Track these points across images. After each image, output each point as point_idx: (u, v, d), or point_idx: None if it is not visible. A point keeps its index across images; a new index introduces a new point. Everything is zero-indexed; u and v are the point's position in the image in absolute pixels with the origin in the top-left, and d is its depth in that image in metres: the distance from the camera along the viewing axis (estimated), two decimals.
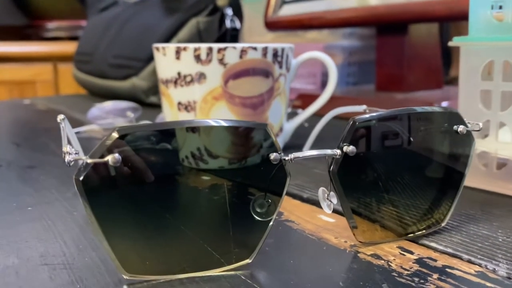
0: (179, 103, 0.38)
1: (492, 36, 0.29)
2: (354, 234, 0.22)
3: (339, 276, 0.20)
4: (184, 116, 0.38)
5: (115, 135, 0.18)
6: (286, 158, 0.20)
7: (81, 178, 0.17)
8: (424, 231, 0.24)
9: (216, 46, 0.36)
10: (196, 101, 0.38)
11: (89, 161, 0.17)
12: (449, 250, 0.22)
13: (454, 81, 0.79)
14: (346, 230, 0.25)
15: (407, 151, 0.23)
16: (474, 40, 0.30)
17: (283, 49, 0.38)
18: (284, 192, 0.20)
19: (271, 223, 0.20)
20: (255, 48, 0.37)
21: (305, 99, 0.62)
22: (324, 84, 0.74)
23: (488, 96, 0.30)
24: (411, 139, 0.22)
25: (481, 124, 0.24)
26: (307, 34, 0.84)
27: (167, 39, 0.67)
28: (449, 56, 0.80)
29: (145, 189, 0.18)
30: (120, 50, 0.71)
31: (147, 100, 0.68)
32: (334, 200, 0.22)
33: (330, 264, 0.21)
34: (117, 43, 0.72)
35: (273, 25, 0.68)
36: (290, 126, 0.42)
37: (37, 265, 0.21)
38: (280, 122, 0.40)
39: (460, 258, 0.22)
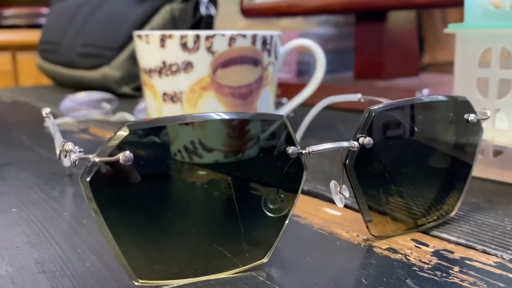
0: (164, 94, 0.37)
1: (490, 23, 0.29)
2: (368, 228, 0.22)
3: (359, 273, 0.19)
4: (169, 108, 0.37)
5: (125, 131, 0.16)
6: (303, 152, 0.19)
7: (88, 179, 0.16)
8: (434, 222, 0.23)
9: (204, 33, 0.35)
10: (182, 91, 0.36)
11: (98, 160, 0.16)
12: (462, 241, 0.22)
13: (427, 68, 0.80)
14: (355, 223, 0.24)
15: (420, 141, 0.22)
16: (471, 27, 0.30)
17: (271, 37, 0.37)
18: (301, 187, 0.19)
19: (287, 220, 0.19)
20: (244, 36, 0.35)
21: (284, 88, 0.61)
22: (300, 73, 0.73)
23: (482, 84, 0.30)
24: (425, 129, 0.22)
25: (489, 113, 0.24)
26: (281, 22, 0.82)
27: (140, 26, 0.64)
28: (421, 43, 0.80)
29: (158, 189, 0.17)
30: (89, 38, 0.68)
31: (120, 90, 0.65)
32: (346, 194, 0.21)
33: (347, 260, 0.20)
34: (86, 31, 0.69)
35: (249, 12, 0.67)
36: None
37: (34, 273, 0.19)
38: (269, 112, 0.39)
39: (475, 248, 0.21)
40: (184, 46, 0.35)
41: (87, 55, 0.67)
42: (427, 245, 0.22)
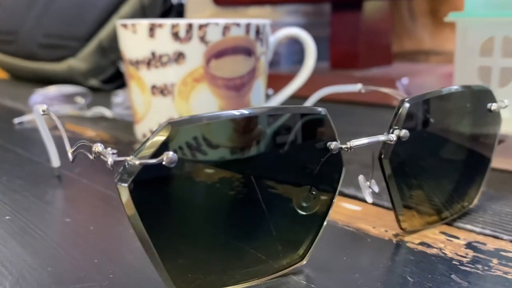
0: (154, 87, 0.35)
1: (492, 12, 0.29)
2: (399, 222, 0.21)
3: (402, 270, 0.18)
4: (159, 101, 0.35)
5: (167, 130, 0.15)
6: (343, 147, 0.18)
7: (128, 184, 0.14)
8: (457, 214, 0.23)
9: (196, 22, 0.33)
10: (174, 83, 0.34)
11: (138, 162, 0.14)
12: (488, 231, 0.22)
13: (395, 57, 0.81)
14: (378, 218, 0.23)
15: (448, 132, 0.21)
16: (473, 16, 0.30)
17: (264, 26, 0.36)
18: (340, 184, 0.18)
19: (326, 219, 0.18)
20: (238, 25, 0.34)
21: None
22: (274, 63, 0.72)
23: (482, 74, 0.30)
24: (453, 120, 0.21)
25: (506, 101, 0.23)
26: (248, 11, 0.81)
27: (107, 16, 0.61)
28: None
29: (201, 193, 0.16)
30: (52, 28, 0.64)
31: (86, 83, 0.62)
32: (376, 188, 0.21)
33: (385, 258, 0.20)
34: (47, 20, 0.65)
35: (221, 1, 0.65)
36: None
37: None
38: (261, 104, 0.38)
39: (502, 239, 0.21)
40: (175, 35, 0.33)
41: (49, 46, 0.63)
42: (457, 238, 0.21)
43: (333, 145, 0.17)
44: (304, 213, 0.18)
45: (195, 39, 0.33)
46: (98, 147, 0.15)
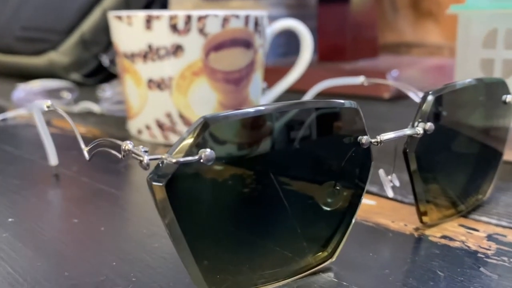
0: (150, 81, 0.34)
1: (495, 4, 0.29)
2: (421, 216, 0.21)
3: (430, 265, 0.18)
4: (156, 96, 0.34)
5: (203, 126, 0.14)
6: (372, 141, 0.18)
7: (164, 183, 0.13)
8: (471, 206, 0.23)
9: (195, 14, 0.32)
10: (172, 77, 0.33)
11: (175, 160, 0.13)
12: (504, 223, 0.22)
13: (379, 50, 0.82)
14: (395, 212, 0.23)
15: (466, 125, 0.21)
16: (476, 8, 0.30)
17: (262, 18, 0.35)
18: (369, 179, 0.18)
19: (355, 215, 0.18)
20: (237, 16, 0.33)
21: None
22: None
23: (485, 66, 0.30)
24: (473, 112, 0.21)
25: None
26: (230, 3, 0.80)
27: (90, 7, 0.59)
28: None
29: (238, 191, 0.15)
30: (30, 20, 0.61)
31: (68, 77, 0.60)
32: (397, 183, 0.21)
33: (411, 252, 0.19)
34: (25, 12, 0.62)
35: None
36: (265, 102, 0.39)
37: None
38: (258, 98, 0.38)
39: None
40: (173, 28, 0.32)
41: (28, 40, 0.61)
42: (477, 230, 0.21)
43: (364, 139, 0.17)
44: (333, 209, 0.17)
45: (194, 31, 0.32)
46: (128, 145, 0.14)
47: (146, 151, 0.14)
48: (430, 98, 0.19)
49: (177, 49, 0.32)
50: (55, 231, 0.21)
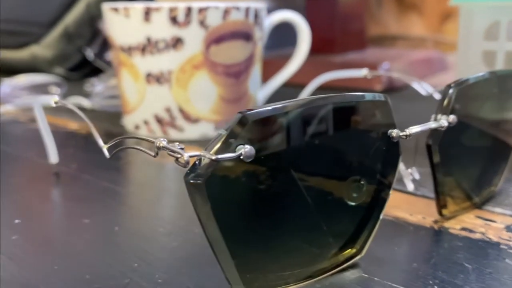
0: (149, 75, 0.33)
1: None
2: (441, 209, 0.21)
3: (456, 257, 0.18)
4: (154, 90, 0.33)
5: (242, 122, 0.13)
6: (401, 134, 0.17)
7: (203, 181, 0.13)
8: (485, 197, 0.23)
9: (195, 5, 0.31)
10: (171, 71, 0.32)
11: (214, 157, 0.13)
12: None
13: None
14: (411, 205, 0.23)
15: (483, 117, 0.21)
16: (478, 0, 0.30)
17: (261, 10, 0.35)
18: (397, 173, 0.18)
19: (383, 210, 0.18)
20: (237, 8, 0.32)
21: None
22: None
23: (487, 58, 0.31)
24: (488, 104, 0.21)
25: None
26: None
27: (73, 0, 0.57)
28: None
29: (276, 188, 0.14)
30: (11, 13, 0.59)
31: (51, 72, 0.58)
32: (417, 176, 0.21)
33: (434, 246, 0.19)
34: (5, 4, 0.60)
35: None
36: (264, 95, 0.39)
37: None
38: (257, 92, 0.37)
39: None
40: (173, 20, 0.31)
41: (9, 33, 0.59)
42: (494, 221, 0.21)
43: (394, 132, 0.17)
44: (362, 205, 0.17)
45: (195, 23, 0.31)
46: (162, 143, 0.14)
47: (182, 148, 0.14)
48: (451, 91, 0.19)
49: (177, 42, 0.32)
50: (67, 232, 0.20)
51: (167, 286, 0.16)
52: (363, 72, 0.32)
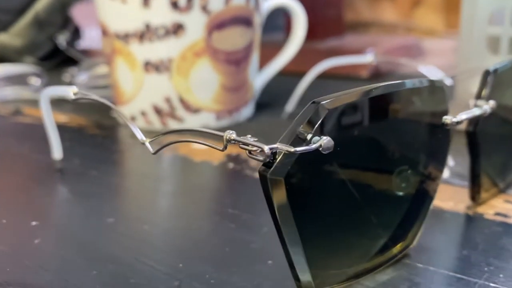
0: (147, 63, 0.31)
1: None
2: (475, 195, 0.21)
3: (501, 243, 0.18)
4: (153, 79, 0.31)
5: (318, 111, 0.12)
6: (454, 120, 0.17)
7: (283, 176, 0.12)
8: (509, 182, 0.23)
9: None
10: (172, 58, 0.31)
11: (293, 150, 0.12)
12: None
13: None
14: (440, 192, 0.23)
15: None
16: None
17: None
18: (447, 160, 0.18)
19: (433, 198, 0.18)
20: None
21: None
22: None
23: (490, 43, 0.31)
24: None
25: None
26: None
27: None
28: None
29: (352, 181, 0.14)
30: None
31: (21, 61, 0.55)
32: (451, 162, 0.20)
33: (476, 232, 0.19)
34: None
35: None
36: (261, 83, 0.38)
37: None
38: (255, 79, 0.36)
39: None
40: (174, 5, 0.30)
41: None
42: None
43: (448, 119, 0.16)
44: (415, 194, 0.17)
45: (196, 8, 0.30)
46: (231, 135, 0.13)
47: (255, 140, 0.13)
48: (491, 76, 0.19)
49: (178, 28, 0.30)
50: (94, 233, 0.19)
51: (220, 284, 0.15)
52: (368, 58, 0.32)
